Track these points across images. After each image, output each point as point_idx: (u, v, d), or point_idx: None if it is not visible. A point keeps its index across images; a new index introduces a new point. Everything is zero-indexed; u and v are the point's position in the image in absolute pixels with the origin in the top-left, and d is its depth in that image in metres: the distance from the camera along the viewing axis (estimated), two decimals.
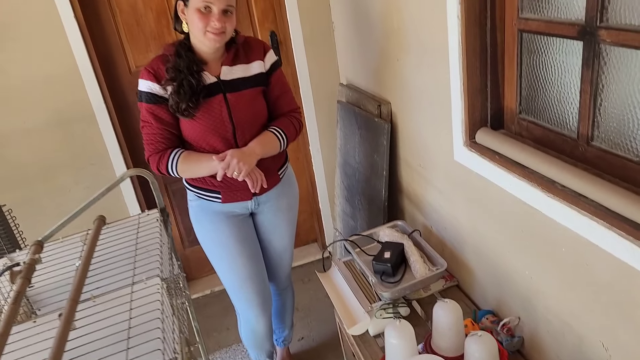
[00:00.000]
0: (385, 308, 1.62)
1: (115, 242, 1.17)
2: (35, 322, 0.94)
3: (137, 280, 1.00)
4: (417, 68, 1.68)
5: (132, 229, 1.23)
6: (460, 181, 1.60)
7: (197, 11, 1.41)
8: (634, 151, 1.08)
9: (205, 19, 1.41)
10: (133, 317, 0.89)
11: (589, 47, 1.11)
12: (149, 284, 0.99)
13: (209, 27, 1.42)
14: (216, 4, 1.40)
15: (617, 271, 1.06)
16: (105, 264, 1.09)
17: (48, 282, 1.11)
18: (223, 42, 1.47)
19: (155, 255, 1.09)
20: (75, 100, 2.22)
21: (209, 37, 1.44)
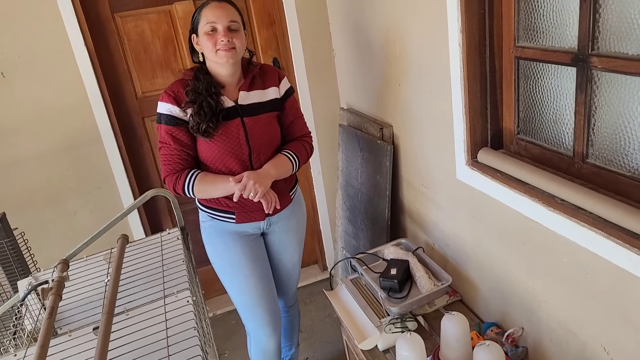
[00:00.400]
0: (393, 323, 1.67)
1: (141, 259, 1.22)
2: (70, 335, 0.98)
3: (168, 293, 1.04)
4: (419, 92, 1.78)
5: (156, 246, 1.27)
6: (463, 199, 1.68)
7: (205, 35, 1.52)
8: (626, 167, 1.17)
9: (213, 38, 1.51)
10: (169, 327, 0.94)
11: (582, 73, 1.21)
12: (179, 297, 1.03)
13: (218, 44, 1.51)
14: (220, 22, 1.51)
15: (616, 278, 1.13)
16: (134, 280, 1.14)
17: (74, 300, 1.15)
18: (235, 58, 1.55)
19: (182, 270, 1.14)
20: (83, 125, 2.28)
21: (220, 55, 1.52)
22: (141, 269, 1.18)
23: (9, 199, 2.21)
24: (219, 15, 1.51)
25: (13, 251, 1.72)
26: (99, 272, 1.21)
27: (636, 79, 1.09)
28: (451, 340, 1.51)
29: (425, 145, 1.84)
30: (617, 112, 1.16)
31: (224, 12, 1.52)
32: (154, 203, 2.59)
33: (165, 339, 0.90)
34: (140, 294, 1.08)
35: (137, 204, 1.31)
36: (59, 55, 2.17)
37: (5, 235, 1.65)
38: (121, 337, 0.94)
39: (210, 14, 1.52)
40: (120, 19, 2.31)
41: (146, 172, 2.54)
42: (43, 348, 0.89)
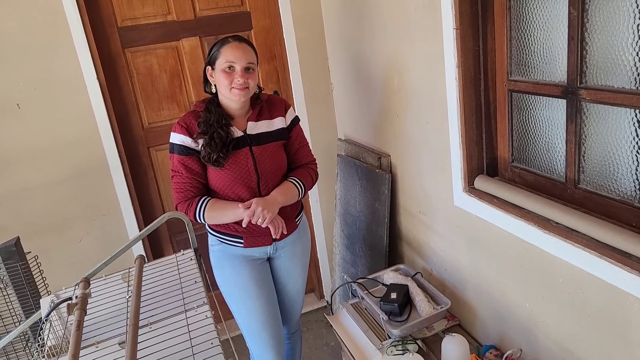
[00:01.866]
0: (395, 345, 1.72)
1: (159, 277, 1.27)
2: (97, 346, 1.02)
3: (189, 308, 1.09)
4: (417, 123, 1.88)
5: (172, 266, 1.32)
6: (461, 224, 1.76)
7: (222, 71, 1.60)
8: (615, 191, 1.27)
9: (229, 77, 1.59)
10: (193, 338, 0.98)
11: (572, 104, 1.32)
12: (199, 311, 1.08)
13: (234, 83, 1.59)
14: (238, 62, 1.59)
15: (609, 296, 1.21)
16: (154, 296, 1.19)
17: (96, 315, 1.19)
18: (247, 96, 1.64)
19: (199, 287, 1.19)
20: (92, 155, 2.34)
21: (234, 93, 1.61)
22: (160, 287, 1.23)
23: (16, 225, 2.24)
24: (238, 56, 1.59)
25: (26, 275, 1.75)
26: (118, 290, 1.26)
27: (621, 109, 1.19)
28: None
29: (423, 174, 1.93)
30: (606, 141, 1.26)
31: (244, 54, 1.60)
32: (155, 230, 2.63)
33: (190, 348, 0.95)
34: (161, 308, 1.13)
35: (154, 225, 1.36)
36: (72, 89, 2.25)
37: (19, 259, 1.69)
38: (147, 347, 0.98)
39: (230, 53, 1.59)
40: (130, 54, 2.41)
41: (150, 200, 2.59)
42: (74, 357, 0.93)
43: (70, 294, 1.22)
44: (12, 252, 1.75)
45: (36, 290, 1.75)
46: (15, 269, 1.71)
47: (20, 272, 1.70)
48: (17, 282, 1.73)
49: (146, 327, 1.05)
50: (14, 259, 1.73)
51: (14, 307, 1.81)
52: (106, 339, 1.06)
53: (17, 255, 1.74)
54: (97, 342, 1.03)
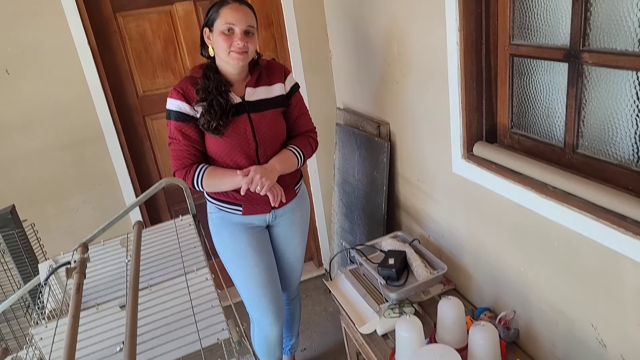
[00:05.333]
0: (392, 308, 1.75)
1: (158, 242, 1.27)
2: (97, 308, 1.03)
3: (189, 270, 1.10)
4: (417, 90, 1.87)
5: (171, 231, 1.33)
6: (459, 191, 1.76)
7: (221, 34, 1.55)
8: (613, 156, 1.27)
9: (228, 39, 1.55)
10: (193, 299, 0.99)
11: (574, 68, 1.30)
12: (199, 273, 1.09)
13: (233, 46, 1.56)
14: (238, 25, 1.55)
15: (604, 257, 1.22)
16: (153, 260, 1.20)
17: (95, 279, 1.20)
18: (246, 61, 1.61)
19: (199, 250, 1.20)
20: (86, 123, 2.32)
21: (232, 57, 1.57)
22: (159, 251, 1.24)
23: (12, 193, 2.24)
24: (238, 18, 1.54)
25: (23, 242, 1.76)
26: (116, 255, 1.27)
27: (623, 72, 1.18)
28: (447, 322, 1.59)
29: (422, 141, 1.93)
30: (606, 105, 1.26)
31: (244, 16, 1.55)
32: (152, 198, 2.63)
33: (190, 308, 0.96)
34: (160, 272, 1.14)
35: (152, 191, 1.36)
36: (62, 54, 2.21)
37: (15, 227, 1.69)
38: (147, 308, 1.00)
39: (229, 15, 1.54)
40: (122, 19, 2.36)
41: (147, 169, 2.58)
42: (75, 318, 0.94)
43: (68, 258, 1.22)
44: (7, 219, 1.75)
45: (34, 258, 1.76)
46: (12, 237, 1.71)
47: (17, 239, 1.70)
48: (14, 249, 1.73)
49: (146, 289, 1.06)
50: (10, 227, 1.73)
51: (13, 274, 1.82)
52: (106, 301, 1.07)
53: (13, 223, 1.74)
54: (97, 304, 1.04)
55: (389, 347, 1.70)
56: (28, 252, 1.80)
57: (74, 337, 0.88)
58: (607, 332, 1.29)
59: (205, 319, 0.95)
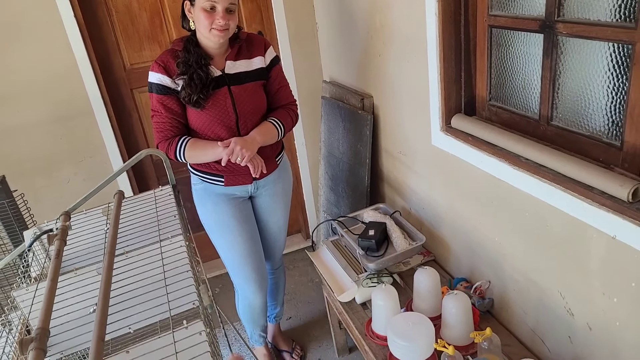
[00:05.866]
0: (370, 278, 1.79)
1: (137, 211, 1.30)
2: (75, 273, 1.07)
3: (164, 238, 1.13)
4: (398, 62, 1.87)
5: (150, 201, 1.36)
6: (438, 163, 1.79)
7: (202, 10, 1.54)
8: (585, 127, 1.29)
9: (210, 17, 1.55)
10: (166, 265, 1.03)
11: (548, 39, 1.31)
12: (174, 241, 1.12)
13: (214, 24, 1.55)
14: (220, 3, 1.53)
15: (571, 227, 1.26)
16: (131, 228, 1.23)
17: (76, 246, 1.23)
18: (226, 37, 1.61)
19: (175, 219, 1.23)
20: (74, 96, 2.32)
21: (213, 34, 1.57)
22: (137, 219, 1.27)
23: (3, 165, 2.25)
24: None
25: (13, 211, 1.79)
26: (98, 223, 1.30)
27: (596, 43, 1.19)
28: (423, 291, 1.63)
29: (404, 114, 1.94)
30: (580, 76, 1.27)
31: None
32: (142, 167, 2.66)
33: (162, 273, 1.00)
34: (137, 239, 1.17)
35: (132, 161, 1.38)
36: (48, 27, 2.19)
37: (6, 196, 1.73)
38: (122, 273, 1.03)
39: None
40: None
41: (135, 142, 2.60)
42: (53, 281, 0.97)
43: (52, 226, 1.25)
44: None
45: (25, 226, 1.79)
46: (2, 206, 1.75)
47: (7, 208, 1.74)
48: (5, 218, 1.77)
49: (122, 255, 1.09)
50: (1, 197, 1.76)
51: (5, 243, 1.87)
52: (85, 266, 1.10)
53: (3, 193, 1.78)
54: (75, 269, 1.07)
55: (367, 316, 1.75)
56: (19, 221, 1.84)
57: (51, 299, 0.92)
58: (574, 301, 1.33)
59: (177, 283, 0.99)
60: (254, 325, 2.03)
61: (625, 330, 1.18)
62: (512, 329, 1.62)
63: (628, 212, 1.08)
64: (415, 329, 1.45)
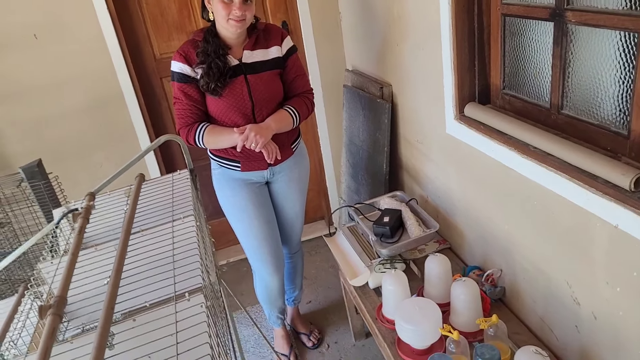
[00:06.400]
0: (383, 263, 1.83)
1: (155, 193, 1.39)
2: (96, 249, 1.16)
3: (176, 218, 1.21)
4: (414, 51, 1.88)
5: (168, 184, 1.44)
6: (452, 152, 1.80)
7: (220, 2, 1.61)
8: (594, 116, 1.28)
9: (227, 8, 1.61)
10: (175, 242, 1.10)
11: (558, 27, 1.30)
12: (185, 221, 1.20)
13: (231, 15, 1.62)
14: None
15: (576, 216, 1.26)
16: (148, 208, 1.31)
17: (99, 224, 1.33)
18: (244, 28, 1.67)
19: (189, 201, 1.30)
20: (107, 85, 2.45)
21: (231, 24, 1.64)
22: (155, 201, 1.35)
23: (43, 150, 2.41)
24: None
25: (48, 192, 1.93)
26: (120, 203, 1.39)
27: (605, 31, 1.18)
28: (433, 278, 1.66)
29: (420, 102, 1.95)
30: (589, 65, 1.26)
31: None
32: (169, 149, 2.77)
33: (172, 250, 1.07)
34: (153, 218, 1.26)
35: (151, 147, 1.47)
36: (83, 19, 2.32)
37: (42, 178, 1.86)
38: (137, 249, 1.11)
39: None
40: None
41: (164, 128, 2.71)
42: (74, 255, 1.06)
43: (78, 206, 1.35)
44: (35, 172, 1.92)
45: (58, 205, 1.93)
46: (38, 187, 1.89)
47: (42, 189, 1.88)
48: (41, 199, 1.91)
49: (138, 233, 1.17)
50: (37, 178, 1.90)
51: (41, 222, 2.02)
52: (104, 242, 1.20)
53: (39, 175, 1.92)
54: (96, 245, 1.17)
55: (379, 301, 1.79)
56: (53, 201, 1.98)
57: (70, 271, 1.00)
58: (580, 290, 1.33)
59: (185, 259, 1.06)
60: (271, 307, 2.11)
61: (629, 320, 1.18)
62: (522, 318, 1.63)
63: (630, 201, 1.08)
64: (422, 314, 1.48)
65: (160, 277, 1.03)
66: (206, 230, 1.38)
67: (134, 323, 0.90)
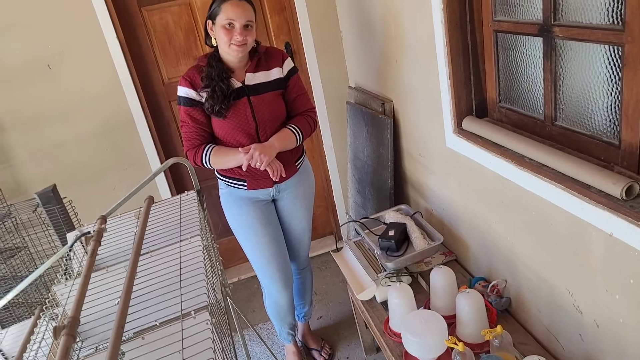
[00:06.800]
0: (389, 277, 1.86)
1: (163, 214, 1.44)
2: (107, 270, 1.21)
3: (184, 238, 1.26)
4: (412, 68, 1.93)
5: (176, 205, 1.50)
6: (452, 165, 1.83)
7: (222, 28, 1.69)
8: (586, 127, 1.31)
9: (229, 33, 1.69)
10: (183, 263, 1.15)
11: (547, 42, 1.34)
12: (192, 240, 1.25)
13: (233, 40, 1.69)
14: (238, 20, 1.68)
15: (573, 226, 1.28)
16: (157, 230, 1.37)
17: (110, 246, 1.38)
18: (245, 52, 1.74)
19: (196, 222, 1.35)
20: (118, 110, 2.54)
21: (232, 49, 1.71)
22: (163, 222, 1.41)
23: (57, 175, 2.49)
24: (238, 13, 1.67)
25: (63, 216, 2.00)
26: (130, 225, 1.45)
27: (592, 46, 1.22)
28: (439, 290, 1.68)
29: (421, 117, 2.00)
30: (579, 78, 1.29)
31: (243, 12, 1.68)
32: (179, 170, 2.83)
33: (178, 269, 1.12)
34: (162, 239, 1.31)
35: (159, 170, 1.53)
36: (94, 48, 2.42)
37: (57, 203, 1.94)
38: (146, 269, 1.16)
39: (230, 11, 1.67)
40: (147, 12, 2.54)
41: (174, 150, 2.78)
42: (86, 277, 1.12)
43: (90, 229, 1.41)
44: (50, 197, 2.00)
45: (72, 228, 2.00)
46: (53, 212, 1.97)
47: (57, 214, 1.95)
48: (55, 222, 1.99)
49: (147, 254, 1.22)
50: (52, 203, 1.98)
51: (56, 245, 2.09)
52: (115, 264, 1.25)
53: (54, 200, 2.00)
54: (107, 267, 1.22)
55: (386, 314, 1.82)
56: (67, 224, 2.05)
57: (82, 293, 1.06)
58: (581, 298, 1.34)
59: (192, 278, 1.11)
60: (281, 323, 2.14)
61: (629, 327, 1.20)
62: (529, 328, 1.64)
63: (622, 209, 1.10)
64: (427, 326, 1.50)
65: (168, 296, 1.07)
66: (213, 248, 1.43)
67: (143, 341, 0.95)
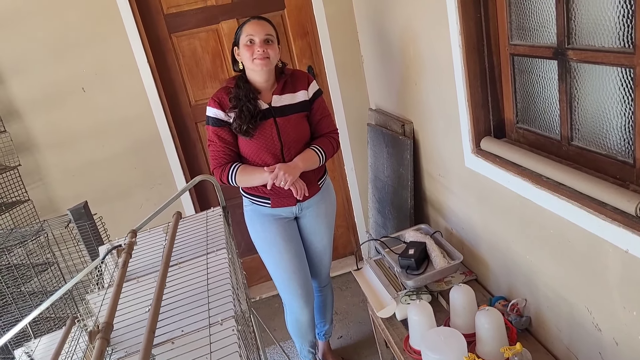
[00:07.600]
0: (409, 295, 1.88)
1: (191, 229, 1.51)
2: (137, 281, 1.28)
3: (210, 251, 1.32)
4: (431, 89, 1.99)
5: (202, 221, 1.56)
6: (471, 184, 1.86)
7: (245, 46, 1.80)
8: (602, 146, 1.34)
9: (250, 49, 1.79)
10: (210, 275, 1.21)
11: (562, 65, 1.39)
12: (218, 254, 1.31)
13: (255, 54, 1.79)
14: (257, 35, 1.78)
15: (590, 243, 1.30)
16: (185, 242, 1.43)
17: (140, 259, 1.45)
18: (269, 65, 1.82)
19: (222, 237, 1.41)
20: (147, 130, 2.65)
21: (256, 63, 1.80)
22: (190, 236, 1.47)
23: (88, 193, 2.60)
24: (257, 29, 1.79)
25: (93, 231, 2.09)
26: (159, 239, 1.52)
27: (605, 68, 1.26)
28: (458, 308, 1.70)
29: (440, 138, 2.04)
30: (594, 99, 1.33)
31: (261, 27, 1.80)
32: (203, 188, 2.92)
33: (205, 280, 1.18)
34: (189, 252, 1.37)
35: (188, 186, 1.60)
36: (127, 72, 2.55)
37: (88, 219, 2.03)
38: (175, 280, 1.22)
39: (249, 28, 1.80)
40: (176, 39, 2.67)
41: (199, 169, 2.88)
42: (119, 286, 1.18)
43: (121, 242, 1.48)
44: (81, 213, 2.09)
45: (102, 243, 2.08)
46: (84, 228, 2.06)
47: (88, 229, 2.04)
48: (86, 238, 2.07)
49: (176, 266, 1.29)
50: (83, 219, 2.07)
51: (85, 260, 2.18)
52: (145, 274, 1.31)
53: (85, 216, 2.09)
54: (137, 278, 1.28)
55: (406, 332, 1.83)
56: (97, 240, 2.14)
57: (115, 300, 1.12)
58: (600, 316, 1.35)
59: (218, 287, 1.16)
60: (302, 341, 2.17)
61: None
62: (550, 347, 1.64)
63: (637, 226, 1.12)
64: (446, 343, 1.52)
65: (195, 305, 1.13)
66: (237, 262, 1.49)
67: (172, 345, 1.00)
